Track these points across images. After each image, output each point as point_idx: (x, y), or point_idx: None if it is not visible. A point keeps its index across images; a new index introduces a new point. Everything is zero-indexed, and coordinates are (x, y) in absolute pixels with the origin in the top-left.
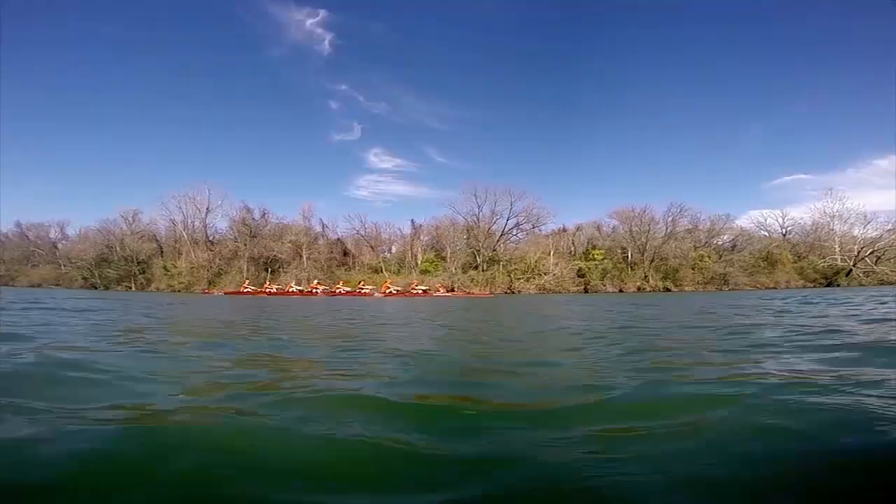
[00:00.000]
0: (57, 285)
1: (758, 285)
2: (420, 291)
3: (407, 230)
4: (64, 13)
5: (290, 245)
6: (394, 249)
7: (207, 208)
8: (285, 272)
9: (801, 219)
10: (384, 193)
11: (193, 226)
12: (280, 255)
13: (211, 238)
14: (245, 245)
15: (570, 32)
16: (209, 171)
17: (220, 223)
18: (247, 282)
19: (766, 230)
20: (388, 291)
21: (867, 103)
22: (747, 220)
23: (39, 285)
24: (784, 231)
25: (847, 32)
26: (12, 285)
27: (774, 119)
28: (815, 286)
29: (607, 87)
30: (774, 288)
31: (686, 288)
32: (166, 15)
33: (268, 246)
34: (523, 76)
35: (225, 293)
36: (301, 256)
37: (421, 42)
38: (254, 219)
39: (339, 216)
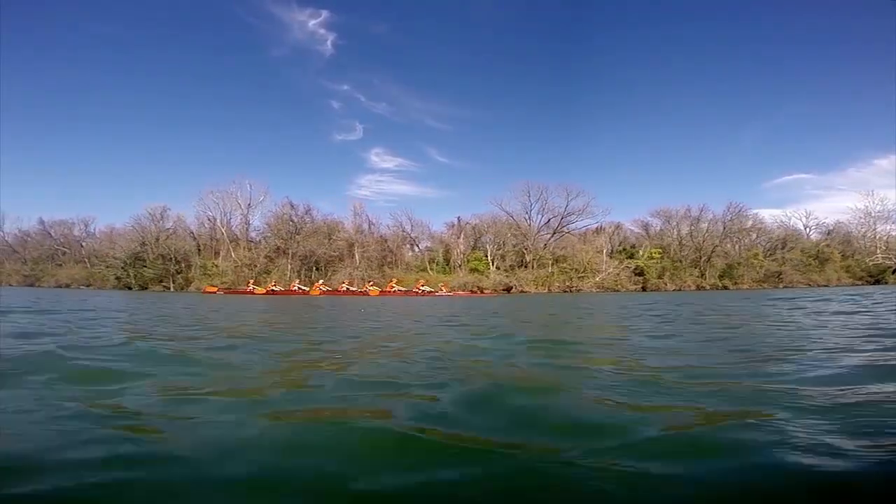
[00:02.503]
0: (87, 285)
1: (811, 283)
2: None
3: (436, 228)
4: (63, 12)
5: (342, 243)
6: (420, 247)
7: (249, 204)
8: (335, 271)
9: (826, 218)
10: (385, 193)
11: (230, 223)
12: (333, 254)
13: (252, 236)
14: (290, 243)
15: (570, 33)
16: (211, 170)
17: (258, 221)
18: (296, 282)
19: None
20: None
21: (867, 103)
22: (771, 219)
23: (68, 285)
24: (808, 229)
25: (847, 32)
26: (38, 286)
27: (773, 119)
28: (862, 284)
29: (606, 87)
30: (826, 285)
31: (742, 286)
32: (166, 15)
33: (320, 243)
34: (523, 76)
35: (225, 292)
36: (353, 255)
37: (422, 42)
38: (298, 215)
39: (385, 214)
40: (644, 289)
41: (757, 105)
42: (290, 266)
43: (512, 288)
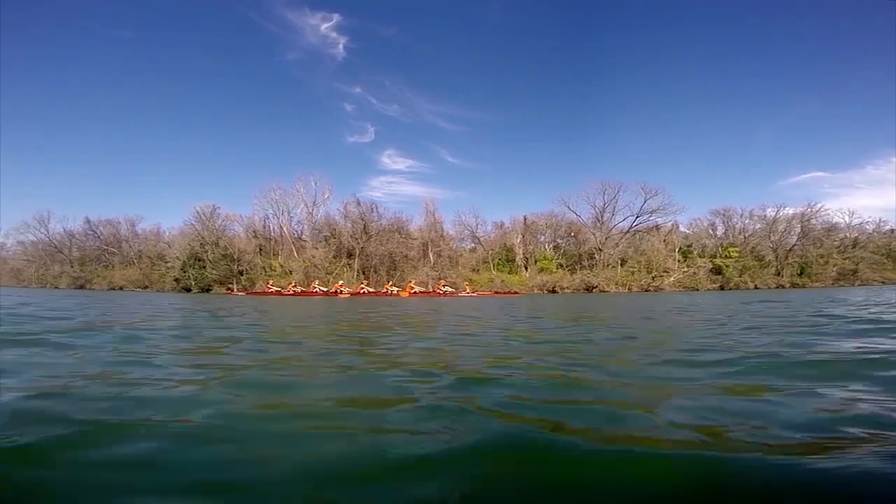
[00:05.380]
0: (144, 288)
1: (885, 280)
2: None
3: (486, 227)
4: (81, 16)
5: (415, 241)
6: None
7: (314, 202)
8: (405, 271)
9: (870, 217)
10: (397, 194)
11: (291, 221)
12: (408, 253)
13: (318, 234)
14: (359, 241)
15: (581, 33)
16: (223, 171)
17: (327, 217)
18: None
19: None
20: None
21: (885, 99)
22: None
23: (121, 288)
24: (851, 227)
25: (861, 29)
26: (89, 288)
27: (788, 117)
28: None
29: (617, 87)
30: None
31: (815, 284)
32: (181, 19)
33: (396, 241)
34: (533, 77)
35: (248, 293)
36: (428, 255)
37: (432, 45)
38: (363, 212)
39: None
40: (722, 288)
41: (770, 104)
42: (357, 265)
43: (595, 287)
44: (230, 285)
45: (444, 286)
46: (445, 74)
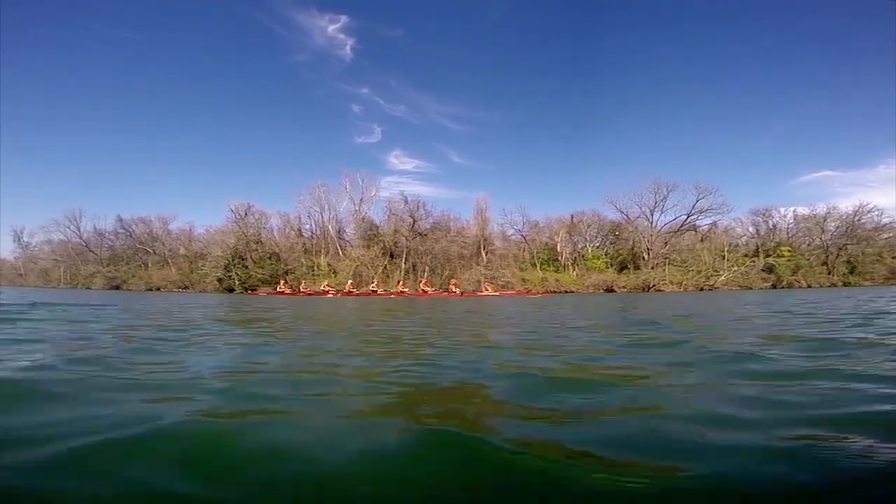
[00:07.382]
0: (184, 288)
1: None
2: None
3: (517, 229)
4: (85, 17)
5: (469, 240)
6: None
7: (361, 199)
8: (457, 270)
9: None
10: (404, 194)
11: (337, 219)
12: (464, 252)
13: (365, 233)
14: (410, 240)
15: (589, 32)
16: (226, 172)
17: (365, 217)
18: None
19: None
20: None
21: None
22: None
23: (159, 288)
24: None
25: (872, 28)
26: (125, 289)
27: (797, 116)
28: None
29: (623, 86)
30: None
31: (866, 282)
32: (188, 21)
33: (451, 240)
34: (538, 76)
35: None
36: (481, 254)
37: (437, 45)
38: (409, 209)
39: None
40: (774, 286)
41: (778, 103)
42: (406, 265)
43: (652, 286)
44: (276, 285)
45: (454, 286)
46: (451, 75)
